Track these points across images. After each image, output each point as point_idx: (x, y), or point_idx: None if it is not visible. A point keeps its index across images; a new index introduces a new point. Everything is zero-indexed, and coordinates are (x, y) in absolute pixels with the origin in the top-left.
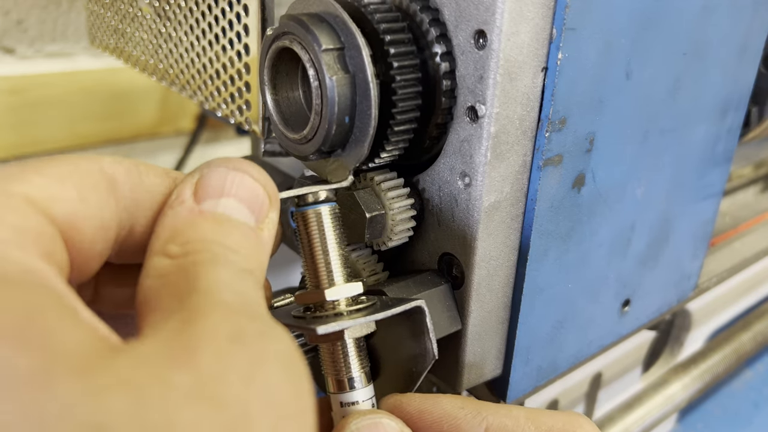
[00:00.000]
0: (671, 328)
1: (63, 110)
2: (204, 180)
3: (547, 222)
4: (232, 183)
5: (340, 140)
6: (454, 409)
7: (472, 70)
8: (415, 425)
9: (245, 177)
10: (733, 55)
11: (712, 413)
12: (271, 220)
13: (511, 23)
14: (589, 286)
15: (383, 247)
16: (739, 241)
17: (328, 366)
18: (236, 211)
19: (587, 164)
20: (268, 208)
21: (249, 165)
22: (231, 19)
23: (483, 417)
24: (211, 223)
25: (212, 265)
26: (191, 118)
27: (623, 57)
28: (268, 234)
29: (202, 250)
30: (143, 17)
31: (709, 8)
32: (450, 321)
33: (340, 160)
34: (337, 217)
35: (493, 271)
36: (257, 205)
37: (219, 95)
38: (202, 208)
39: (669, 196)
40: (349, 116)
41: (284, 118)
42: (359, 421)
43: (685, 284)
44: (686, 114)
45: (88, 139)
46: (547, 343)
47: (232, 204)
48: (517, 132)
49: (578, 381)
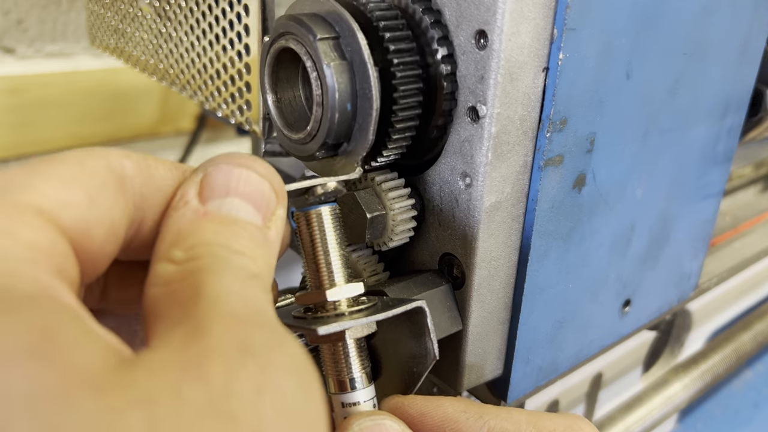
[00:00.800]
0: (672, 328)
1: (63, 110)
2: (208, 179)
3: (548, 222)
4: (238, 180)
5: (345, 130)
6: (456, 413)
7: (473, 70)
8: (417, 428)
9: (251, 174)
10: (734, 55)
11: (713, 413)
12: (279, 217)
13: (512, 23)
14: (589, 286)
15: (384, 248)
16: (740, 241)
17: (329, 366)
18: (242, 210)
19: (588, 164)
20: (276, 205)
21: (254, 160)
22: (231, 19)
23: (485, 421)
24: (217, 224)
25: (217, 272)
26: (191, 118)
27: (624, 57)
28: (275, 232)
29: (207, 254)
30: (143, 17)
31: (710, 8)
32: (451, 321)
33: (347, 156)
34: (337, 217)
35: (493, 272)
36: (264, 203)
37: (219, 95)
38: (207, 209)
39: (669, 196)
40: (351, 103)
41: (287, 122)
42: (362, 422)
43: (686, 284)
44: (686, 114)
45: (88, 139)
46: (548, 343)
47: (237, 203)
48: (518, 132)
49: (579, 381)
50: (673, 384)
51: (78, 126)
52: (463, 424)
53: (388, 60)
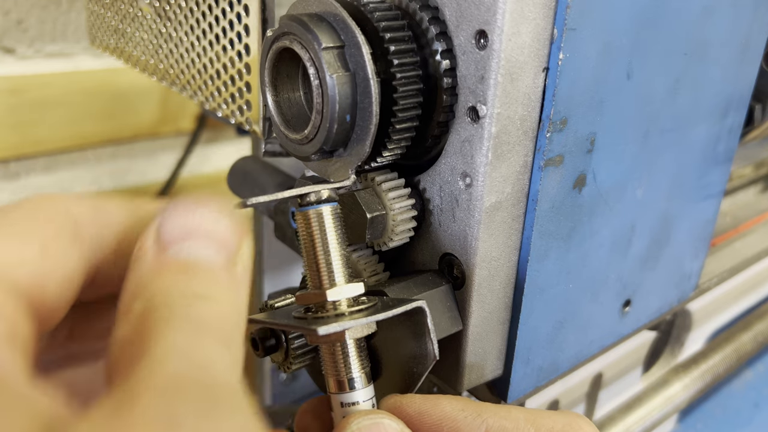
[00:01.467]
0: (672, 328)
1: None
2: (165, 224)
3: (548, 222)
4: (196, 222)
5: (342, 139)
6: (454, 411)
7: (473, 70)
8: (415, 427)
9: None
10: (734, 55)
11: (713, 413)
12: (244, 252)
13: (512, 23)
14: (589, 286)
15: (384, 248)
16: (740, 241)
17: (329, 366)
18: (203, 251)
19: (588, 165)
20: (240, 240)
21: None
22: (231, 19)
23: (483, 419)
24: (175, 271)
25: (169, 325)
26: (191, 118)
27: (624, 57)
28: (242, 268)
29: (162, 305)
30: (143, 17)
31: (710, 8)
32: (451, 321)
33: (342, 160)
34: (338, 217)
35: (494, 272)
36: (226, 241)
37: (219, 95)
38: (166, 256)
39: (669, 196)
40: (350, 114)
41: (285, 119)
42: (360, 421)
43: (686, 284)
44: (687, 114)
45: (88, 139)
46: (548, 343)
47: (197, 245)
48: (518, 132)
49: (579, 381)
50: (673, 384)
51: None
52: (461, 422)
53: (392, 73)
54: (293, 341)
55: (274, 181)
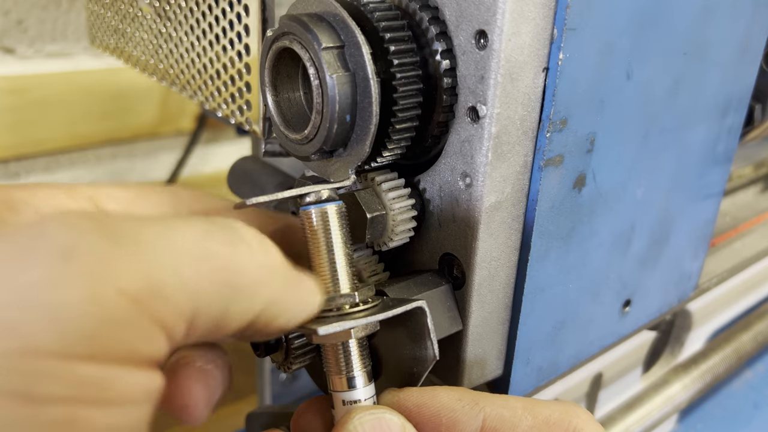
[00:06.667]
0: (672, 328)
1: (63, 110)
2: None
3: (548, 222)
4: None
5: (342, 139)
6: (451, 402)
7: (473, 70)
8: (414, 419)
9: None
10: (734, 55)
11: (713, 413)
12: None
13: (512, 23)
14: (589, 286)
15: (384, 248)
16: (740, 242)
17: (330, 365)
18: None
19: (588, 164)
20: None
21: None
22: (231, 19)
23: (480, 408)
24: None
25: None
26: (191, 118)
27: (624, 57)
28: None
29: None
30: (143, 17)
31: (710, 8)
32: (451, 321)
33: (342, 160)
34: (343, 216)
35: (494, 272)
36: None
37: (219, 95)
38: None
39: (669, 196)
40: (350, 115)
41: (285, 119)
42: (362, 416)
43: (686, 284)
44: (686, 114)
45: (88, 139)
46: (548, 343)
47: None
48: (518, 132)
49: (579, 381)
50: (673, 384)
51: (78, 126)
52: (459, 412)
53: (392, 73)
54: (293, 341)
55: (274, 181)
